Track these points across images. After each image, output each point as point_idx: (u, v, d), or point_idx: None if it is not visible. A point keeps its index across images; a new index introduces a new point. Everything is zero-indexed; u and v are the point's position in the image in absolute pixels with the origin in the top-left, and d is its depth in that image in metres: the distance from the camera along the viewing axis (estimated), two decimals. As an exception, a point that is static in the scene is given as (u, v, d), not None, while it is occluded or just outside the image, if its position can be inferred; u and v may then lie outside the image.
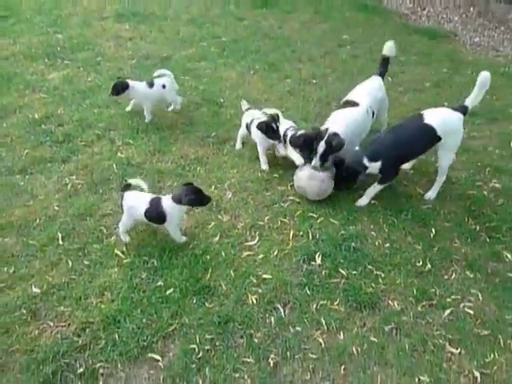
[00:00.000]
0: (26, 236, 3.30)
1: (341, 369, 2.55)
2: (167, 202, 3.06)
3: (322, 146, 3.55)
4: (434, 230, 3.42)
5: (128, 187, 3.22)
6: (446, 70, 5.64)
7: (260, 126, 3.76)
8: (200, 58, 5.77)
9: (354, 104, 3.81)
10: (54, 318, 2.75)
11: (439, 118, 3.47)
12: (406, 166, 3.94)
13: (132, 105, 4.68)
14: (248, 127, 4.00)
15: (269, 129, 3.76)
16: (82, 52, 5.83)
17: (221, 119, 4.62)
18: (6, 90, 5.07)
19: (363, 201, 3.64)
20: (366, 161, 3.46)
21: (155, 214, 3.07)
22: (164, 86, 4.50)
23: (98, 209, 3.54)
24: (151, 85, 4.48)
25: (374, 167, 3.49)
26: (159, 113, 4.69)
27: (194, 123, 4.55)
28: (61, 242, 3.24)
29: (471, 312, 2.87)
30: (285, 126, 3.91)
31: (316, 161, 3.60)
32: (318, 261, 3.15)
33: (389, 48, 4.09)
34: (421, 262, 3.17)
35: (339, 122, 3.66)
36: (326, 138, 3.54)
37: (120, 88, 4.38)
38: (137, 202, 3.12)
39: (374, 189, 3.62)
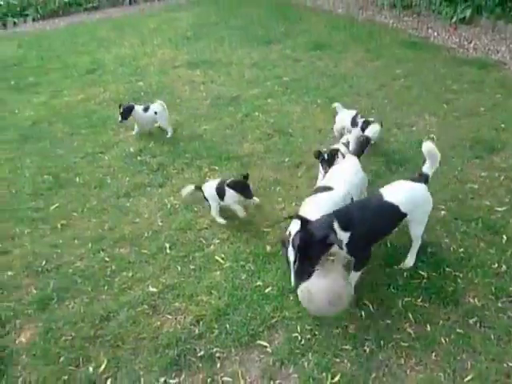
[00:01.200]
0: (138, 246, 3.84)
1: (432, 355, 2.79)
2: (225, 186, 3.91)
3: (291, 255, 2.85)
4: (505, 237, 3.63)
5: (199, 187, 4.13)
6: (499, 95, 5.92)
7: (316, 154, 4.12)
8: (266, 96, 6.40)
9: (329, 189, 3.34)
10: (172, 312, 3.21)
11: (402, 195, 3.12)
12: None
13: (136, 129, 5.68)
14: None
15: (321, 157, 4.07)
16: (162, 96, 6.61)
17: (292, 147, 5.12)
18: (103, 129, 5.89)
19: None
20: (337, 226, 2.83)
21: (218, 192, 3.94)
22: (156, 113, 5.48)
23: (195, 224, 4.05)
24: (146, 109, 5.49)
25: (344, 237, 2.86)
26: (238, 142, 5.29)
27: (269, 151, 5.08)
28: (168, 251, 3.76)
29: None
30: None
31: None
32: (401, 264, 3.45)
33: (372, 131, 4.39)
34: (496, 265, 3.39)
35: (311, 212, 3.02)
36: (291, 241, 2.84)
37: (127, 111, 5.36)
38: (210, 188, 4.03)
39: (354, 276, 3.15)
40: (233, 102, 6.30)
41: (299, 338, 2.94)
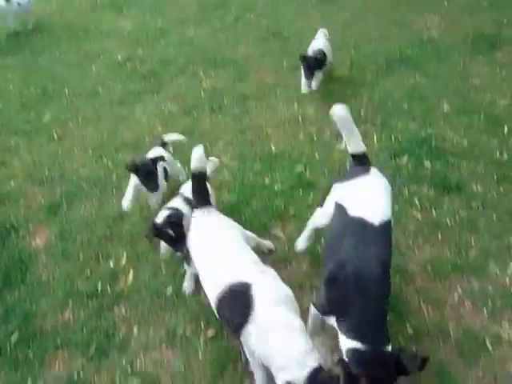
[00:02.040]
0: (140, 151, 3.76)
1: (438, 235, 2.93)
2: None
3: None
4: (506, 128, 3.68)
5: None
6: (502, -10, 5.70)
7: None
8: (257, -3, 6.02)
9: None
10: (185, 210, 3.25)
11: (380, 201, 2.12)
12: None
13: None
14: None
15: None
16: (145, 1, 6.15)
17: (289, 49, 4.91)
18: (84, 38, 5.53)
19: None
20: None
21: None
22: (19, 4, 5.76)
23: (195, 128, 3.97)
24: (8, 0, 5.74)
25: None
26: (232, 46, 5.04)
27: (266, 54, 4.88)
28: (172, 155, 3.72)
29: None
30: None
31: None
32: (404, 158, 3.50)
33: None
34: (498, 154, 3.47)
35: None
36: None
37: None
38: None
39: None
40: (221, 5, 5.91)
41: (312, 226, 3.04)
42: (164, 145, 3.25)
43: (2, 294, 2.83)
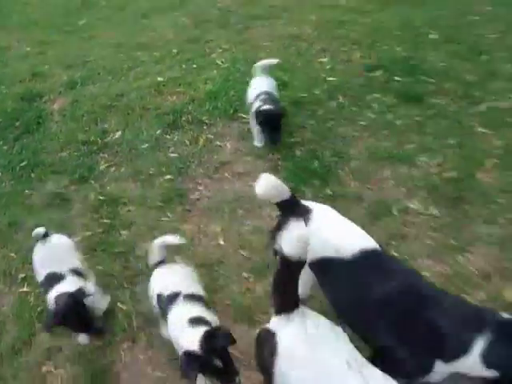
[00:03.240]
0: (151, 51, 4.38)
1: (385, 131, 3.22)
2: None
3: None
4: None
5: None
6: None
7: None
8: None
9: None
10: (173, 94, 3.81)
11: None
12: None
13: None
14: None
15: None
16: None
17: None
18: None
19: None
20: None
21: None
22: None
23: (201, 37, 4.49)
24: None
25: None
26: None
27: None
28: (176, 55, 4.28)
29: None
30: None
31: None
32: (379, 72, 3.78)
33: None
34: (468, 76, 3.66)
35: None
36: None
37: None
38: None
39: None
40: None
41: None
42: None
43: (22, 136, 3.60)
